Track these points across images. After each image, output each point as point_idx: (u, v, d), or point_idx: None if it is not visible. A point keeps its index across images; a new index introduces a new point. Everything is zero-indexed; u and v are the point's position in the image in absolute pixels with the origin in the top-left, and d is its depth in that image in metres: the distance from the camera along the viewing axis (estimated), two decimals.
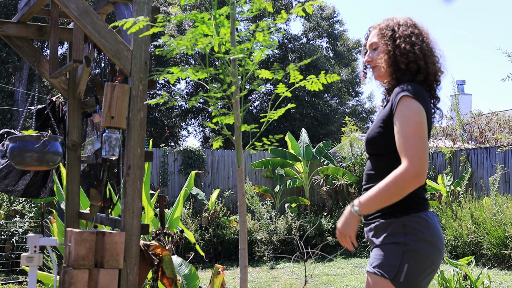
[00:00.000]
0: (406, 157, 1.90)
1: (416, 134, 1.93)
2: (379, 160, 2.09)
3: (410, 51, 2.09)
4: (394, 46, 2.12)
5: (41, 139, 3.24)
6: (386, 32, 2.16)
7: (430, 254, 1.97)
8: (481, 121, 14.00)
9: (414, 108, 1.97)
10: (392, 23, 2.17)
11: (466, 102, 20.52)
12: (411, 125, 1.94)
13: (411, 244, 1.94)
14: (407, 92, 1.99)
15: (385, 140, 2.03)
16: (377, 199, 1.93)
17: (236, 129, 1.55)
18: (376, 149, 2.09)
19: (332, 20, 24.48)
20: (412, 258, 1.94)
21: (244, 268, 1.36)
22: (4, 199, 7.61)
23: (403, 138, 1.94)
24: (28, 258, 2.73)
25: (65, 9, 2.76)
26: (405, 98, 1.98)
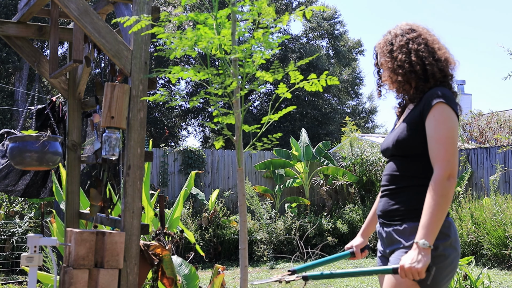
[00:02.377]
0: (438, 161, 1.96)
1: (447, 139, 1.98)
2: (406, 162, 2.11)
3: (406, 61, 2.12)
4: (393, 60, 2.16)
5: (41, 139, 3.24)
6: (386, 48, 2.21)
7: (454, 258, 2.01)
8: (481, 121, 14.00)
9: (446, 113, 2.01)
10: (390, 37, 2.21)
11: (466, 102, 20.53)
12: (443, 130, 1.99)
13: (441, 248, 1.97)
14: (440, 99, 2.02)
15: (415, 142, 2.06)
16: (435, 218, 1.91)
17: (237, 129, 1.55)
18: (404, 151, 2.10)
19: (333, 21, 24.48)
20: (441, 262, 1.96)
21: (245, 268, 1.36)
22: (4, 199, 7.61)
23: (435, 142, 1.99)
24: (28, 258, 2.73)
25: (65, 9, 2.76)
26: (438, 105, 2.02)
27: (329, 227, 9.53)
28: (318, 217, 9.86)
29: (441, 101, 2.02)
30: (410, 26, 2.21)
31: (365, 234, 2.45)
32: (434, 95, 2.05)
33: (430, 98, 2.05)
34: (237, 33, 1.60)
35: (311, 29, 24.11)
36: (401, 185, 2.10)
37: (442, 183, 1.92)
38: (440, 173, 1.93)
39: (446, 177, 1.92)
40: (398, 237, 2.06)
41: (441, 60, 2.14)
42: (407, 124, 2.12)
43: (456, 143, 2.00)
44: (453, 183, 1.94)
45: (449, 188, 1.92)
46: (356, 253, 2.40)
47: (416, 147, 2.06)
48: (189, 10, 21.12)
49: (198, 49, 1.67)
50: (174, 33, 1.61)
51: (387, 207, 2.13)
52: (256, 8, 1.54)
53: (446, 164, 1.94)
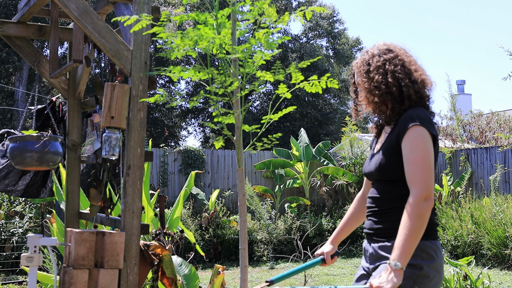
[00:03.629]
0: (414, 183, 1.96)
1: (423, 161, 1.98)
2: (390, 185, 2.12)
3: (382, 82, 2.13)
4: (370, 81, 2.18)
5: (41, 139, 3.24)
6: (363, 68, 2.22)
7: (437, 282, 2.02)
8: (481, 121, 14.00)
9: (421, 135, 2.02)
10: (367, 56, 2.23)
11: (466, 102, 20.53)
12: (419, 152, 1.99)
13: (426, 269, 1.97)
14: (415, 121, 2.03)
15: (397, 167, 2.07)
16: (410, 239, 1.91)
17: (237, 129, 1.54)
18: (388, 176, 2.12)
19: (332, 20, 24.49)
20: (423, 283, 1.97)
21: (245, 268, 1.36)
22: (4, 199, 7.61)
23: (410, 164, 2.00)
24: (28, 258, 2.73)
25: (65, 9, 2.76)
26: (413, 127, 2.03)
27: (329, 227, 9.53)
28: (318, 217, 9.86)
29: (416, 123, 2.03)
30: (387, 46, 2.23)
31: (335, 242, 2.48)
32: (409, 118, 2.06)
33: (405, 121, 2.06)
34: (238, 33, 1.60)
35: (311, 28, 24.11)
36: (385, 207, 2.12)
37: (418, 205, 1.92)
38: (417, 194, 1.93)
39: (422, 199, 1.93)
40: (383, 253, 2.07)
41: (418, 82, 2.15)
42: (386, 149, 2.13)
43: (432, 165, 2.00)
44: (430, 205, 1.94)
45: (426, 210, 1.93)
46: (327, 260, 2.44)
47: (398, 171, 2.07)
48: (189, 10, 21.13)
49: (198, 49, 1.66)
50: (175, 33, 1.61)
51: (374, 225, 2.15)
52: (256, 8, 1.54)
53: (423, 185, 1.94)
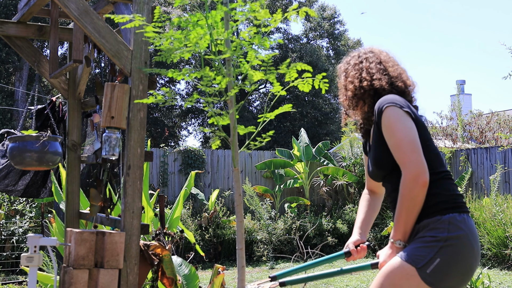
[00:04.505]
0: (401, 165, 1.99)
1: (404, 139, 1.99)
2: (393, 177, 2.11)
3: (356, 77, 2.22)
4: (347, 78, 2.27)
5: (41, 139, 3.24)
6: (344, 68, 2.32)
7: (468, 256, 1.96)
8: (481, 121, 14.00)
9: (394, 115, 2.04)
10: (349, 58, 2.33)
11: (466, 102, 20.50)
12: (396, 132, 2.01)
13: (452, 241, 1.94)
14: (385, 104, 2.07)
15: (390, 156, 2.08)
16: (404, 219, 1.97)
17: (232, 129, 1.54)
18: (387, 168, 2.13)
19: (333, 21, 24.48)
20: (448, 255, 1.92)
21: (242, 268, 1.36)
22: (5, 199, 7.61)
23: (393, 148, 2.03)
24: (28, 258, 2.73)
25: (65, 9, 2.76)
26: (385, 110, 2.06)
27: (329, 227, 9.53)
28: (318, 217, 9.86)
29: (386, 105, 2.06)
30: (371, 49, 2.33)
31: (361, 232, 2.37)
32: (379, 104, 2.10)
33: (377, 108, 2.10)
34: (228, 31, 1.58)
35: (311, 29, 24.11)
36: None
37: (408, 186, 1.94)
38: (406, 176, 1.95)
39: (412, 179, 1.93)
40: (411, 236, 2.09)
41: (392, 75, 2.20)
42: (374, 143, 2.16)
43: (415, 140, 1.99)
44: (422, 183, 1.93)
45: (418, 190, 1.93)
46: (352, 251, 2.32)
47: (393, 159, 2.07)
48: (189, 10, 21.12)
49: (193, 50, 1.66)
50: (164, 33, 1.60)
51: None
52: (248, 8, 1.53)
53: (409, 165, 1.95)
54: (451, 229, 1.94)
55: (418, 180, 1.93)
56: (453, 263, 1.93)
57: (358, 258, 2.34)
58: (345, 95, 2.27)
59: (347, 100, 2.26)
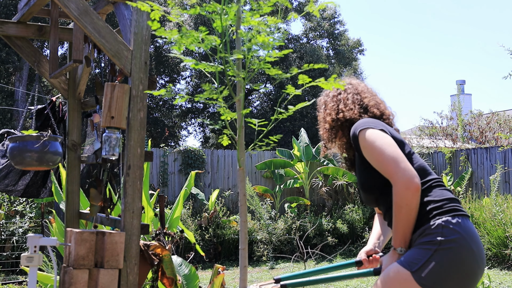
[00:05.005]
0: (390, 178, 2.01)
1: (385, 154, 2.02)
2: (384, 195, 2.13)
3: (333, 108, 2.28)
4: (325, 110, 2.33)
5: (41, 139, 3.24)
6: (324, 100, 2.39)
7: (467, 259, 1.93)
8: (481, 121, 14.00)
9: (370, 135, 2.09)
10: (328, 91, 2.38)
11: (466, 102, 20.52)
12: (376, 150, 2.05)
13: (447, 245, 1.92)
14: (358, 128, 2.13)
15: (375, 176, 2.11)
16: (402, 227, 2.00)
17: (238, 129, 1.54)
18: (376, 190, 2.15)
19: (333, 21, 24.49)
20: (443, 259, 1.91)
21: (244, 268, 1.36)
22: (5, 199, 7.61)
23: (378, 165, 2.06)
24: (28, 258, 2.73)
25: (65, 9, 2.76)
26: (360, 134, 2.11)
27: (329, 227, 9.53)
28: (318, 217, 9.86)
29: (359, 130, 2.11)
30: (349, 81, 2.39)
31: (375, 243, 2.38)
32: (353, 130, 2.16)
33: (352, 136, 2.16)
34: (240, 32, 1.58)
35: (311, 29, 24.11)
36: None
37: (401, 195, 1.96)
38: (397, 186, 1.97)
39: (404, 187, 1.95)
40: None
41: (367, 105, 2.27)
42: (358, 169, 2.21)
43: (396, 151, 2.02)
44: (414, 191, 1.95)
45: (410, 197, 1.95)
46: (364, 260, 2.31)
47: (378, 179, 2.10)
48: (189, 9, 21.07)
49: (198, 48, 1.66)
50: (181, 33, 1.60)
51: None
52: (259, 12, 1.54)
53: (397, 175, 1.97)
54: (445, 233, 1.94)
55: (410, 186, 1.94)
56: (449, 266, 1.91)
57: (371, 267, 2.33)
58: (324, 127, 2.32)
59: (326, 132, 2.31)
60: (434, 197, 2.04)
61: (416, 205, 1.96)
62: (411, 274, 1.91)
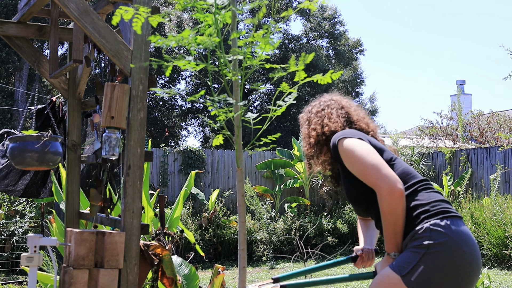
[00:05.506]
0: (373, 186, 2.02)
1: (366, 163, 2.04)
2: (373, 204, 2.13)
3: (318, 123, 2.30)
4: (309, 125, 2.35)
5: (41, 139, 3.24)
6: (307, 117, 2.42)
7: (457, 262, 1.91)
8: (482, 121, 13.99)
9: (348, 144, 2.11)
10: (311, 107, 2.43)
11: (466, 102, 20.53)
12: (357, 158, 2.07)
13: (436, 248, 1.91)
14: (336, 139, 2.15)
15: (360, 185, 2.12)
16: (392, 233, 2.01)
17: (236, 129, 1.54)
18: (364, 199, 2.16)
19: (333, 21, 24.48)
20: (432, 262, 1.90)
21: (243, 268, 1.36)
22: (5, 199, 7.61)
23: (360, 174, 2.07)
24: (28, 258, 2.73)
25: (65, 9, 2.76)
26: (338, 145, 2.13)
27: (329, 227, 9.53)
28: (318, 217, 9.86)
29: (338, 140, 2.14)
30: (331, 97, 2.41)
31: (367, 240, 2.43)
32: (332, 141, 2.18)
33: (332, 147, 2.18)
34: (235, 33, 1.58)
35: (311, 29, 24.11)
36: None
37: (386, 201, 1.96)
38: (380, 193, 1.98)
39: (387, 193, 1.96)
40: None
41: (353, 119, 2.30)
42: (343, 180, 2.23)
43: (376, 159, 2.04)
44: (397, 196, 1.95)
45: (394, 203, 1.96)
46: (359, 254, 2.35)
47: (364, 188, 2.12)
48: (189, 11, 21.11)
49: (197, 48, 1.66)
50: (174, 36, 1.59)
51: None
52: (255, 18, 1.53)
53: (380, 182, 1.98)
54: (433, 236, 1.93)
55: (393, 192, 1.95)
56: (438, 269, 1.90)
57: (368, 264, 2.37)
58: (309, 143, 2.32)
59: (311, 148, 2.32)
60: (421, 201, 2.03)
61: (402, 210, 1.97)
62: (400, 278, 1.92)
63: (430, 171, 10.68)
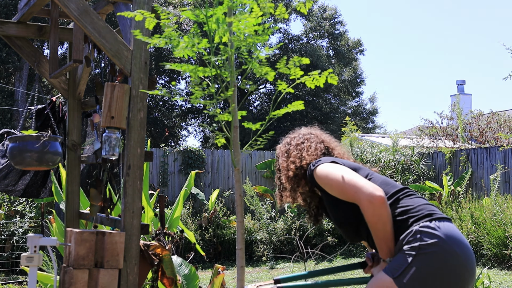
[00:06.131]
0: (355, 200, 2.03)
1: (342, 180, 2.06)
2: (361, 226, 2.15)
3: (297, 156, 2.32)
4: (288, 158, 2.36)
5: (41, 139, 3.24)
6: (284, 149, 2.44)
7: (449, 262, 1.91)
8: (482, 121, 13.99)
9: (322, 169, 2.14)
10: (289, 139, 2.45)
11: (466, 102, 20.52)
12: (333, 179, 2.10)
13: (426, 249, 1.92)
14: (311, 169, 2.19)
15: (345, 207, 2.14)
16: (383, 240, 2.02)
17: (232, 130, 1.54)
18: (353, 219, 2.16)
19: (333, 21, 24.47)
20: (423, 263, 1.90)
21: (241, 268, 1.36)
22: (5, 199, 7.61)
23: (340, 192, 2.09)
24: (28, 258, 2.73)
25: (65, 9, 2.76)
26: (313, 173, 2.17)
27: (329, 227, 9.53)
28: None
29: (312, 169, 2.18)
30: (310, 131, 2.44)
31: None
32: (308, 171, 2.22)
33: (308, 176, 2.21)
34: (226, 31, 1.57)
35: (311, 29, 24.10)
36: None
37: (369, 210, 1.98)
38: (362, 204, 1.99)
39: (368, 202, 1.97)
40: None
41: (333, 154, 2.33)
42: (329, 207, 2.24)
43: (351, 174, 2.07)
44: (379, 201, 1.96)
45: (378, 209, 1.97)
46: (367, 260, 2.33)
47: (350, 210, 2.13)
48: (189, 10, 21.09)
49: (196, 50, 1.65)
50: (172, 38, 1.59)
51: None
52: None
53: (359, 195, 1.99)
54: (423, 237, 1.94)
55: (373, 200, 1.96)
56: (430, 271, 1.90)
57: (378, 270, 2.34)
58: (287, 176, 2.33)
59: (289, 181, 2.33)
60: (406, 207, 2.05)
61: (387, 216, 1.98)
62: (393, 280, 1.92)
63: (430, 171, 10.68)
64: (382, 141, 13.73)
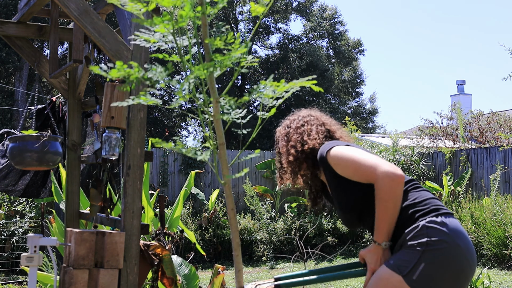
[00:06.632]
0: (372, 178, 1.98)
1: (359, 160, 2.03)
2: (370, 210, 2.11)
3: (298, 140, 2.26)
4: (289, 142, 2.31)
5: (41, 139, 3.24)
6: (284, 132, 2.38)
7: (455, 257, 1.92)
8: (482, 121, 13.99)
9: (337, 151, 2.10)
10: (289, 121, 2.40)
11: (466, 102, 20.54)
12: (349, 160, 2.05)
13: (434, 245, 1.91)
14: (323, 152, 2.14)
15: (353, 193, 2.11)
16: (388, 219, 1.98)
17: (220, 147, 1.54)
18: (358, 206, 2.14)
19: (333, 21, 24.47)
20: (432, 259, 1.90)
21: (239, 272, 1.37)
22: (4, 199, 7.61)
23: (356, 172, 2.05)
24: (28, 258, 2.73)
25: (65, 9, 2.76)
26: (326, 156, 2.12)
27: (329, 227, 9.53)
28: (318, 217, 9.86)
29: (326, 152, 2.12)
30: (309, 113, 2.39)
31: None
32: (319, 155, 2.16)
33: (320, 160, 2.16)
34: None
35: (311, 29, 24.10)
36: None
37: (385, 187, 1.94)
38: (381, 182, 1.95)
39: (387, 180, 1.93)
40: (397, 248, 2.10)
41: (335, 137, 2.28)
42: (333, 191, 2.19)
43: (367, 155, 2.04)
44: (398, 180, 1.93)
45: (395, 187, 1.93)
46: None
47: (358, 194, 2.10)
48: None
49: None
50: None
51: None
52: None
53: (379, 171, 1.95)
54: (430, 233, 1.93)
55: (394, 177, 1.93)
56: (439, 266, 1.90)
57: None
58: (287, 160, 2.28)
59: (289, 165, 2.27)
60: (413, 201, 2.04)
61: (400, 196, 1.96)
62: (402, 278, 1.91)
63: (430, 171, 10.68)
64: (382, 141, 13.73)
